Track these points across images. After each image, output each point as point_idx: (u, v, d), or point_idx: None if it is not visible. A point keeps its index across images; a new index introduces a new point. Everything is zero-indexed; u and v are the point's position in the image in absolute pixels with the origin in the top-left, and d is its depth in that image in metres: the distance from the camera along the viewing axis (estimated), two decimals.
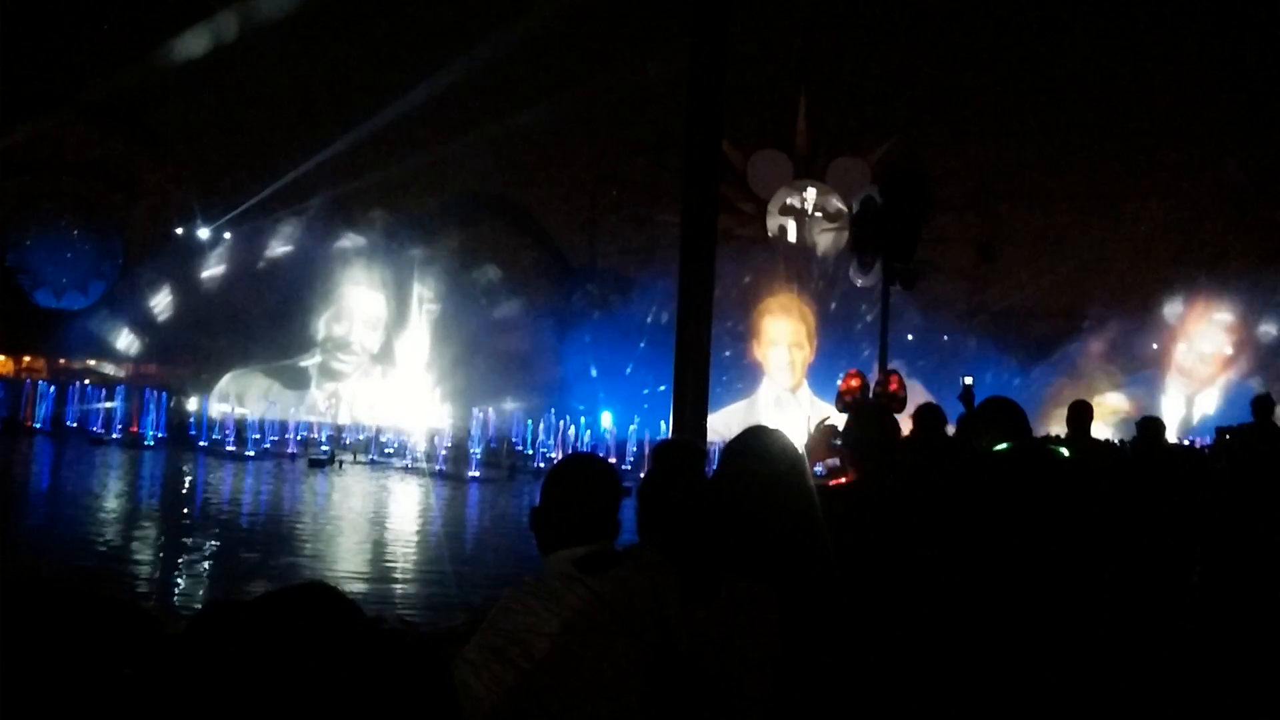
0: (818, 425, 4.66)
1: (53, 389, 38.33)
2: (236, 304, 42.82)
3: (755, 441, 3.60)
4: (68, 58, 44.95)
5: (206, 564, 14.54)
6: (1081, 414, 7.91)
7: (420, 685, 1.28)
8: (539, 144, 46.69)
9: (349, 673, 1.20)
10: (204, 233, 45.05)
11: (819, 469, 4.62)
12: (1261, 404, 9.92)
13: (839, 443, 4.27)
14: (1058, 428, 15.71)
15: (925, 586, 3.28)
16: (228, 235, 44.35)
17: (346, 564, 14.93)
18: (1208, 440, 24.60)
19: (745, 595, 2.68)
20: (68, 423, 37.04)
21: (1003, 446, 4.67)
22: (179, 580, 13.33)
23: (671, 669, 2.40)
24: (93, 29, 46.53)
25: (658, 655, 2.39)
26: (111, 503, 21.11)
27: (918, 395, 10.07)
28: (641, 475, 5.92)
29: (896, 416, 4.95)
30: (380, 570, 14.75)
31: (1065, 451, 5.05)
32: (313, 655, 1.19)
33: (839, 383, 8.98)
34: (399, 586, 13.29)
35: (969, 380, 8.45)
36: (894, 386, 7.70)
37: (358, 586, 12.50)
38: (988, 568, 3.63)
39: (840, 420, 4.66)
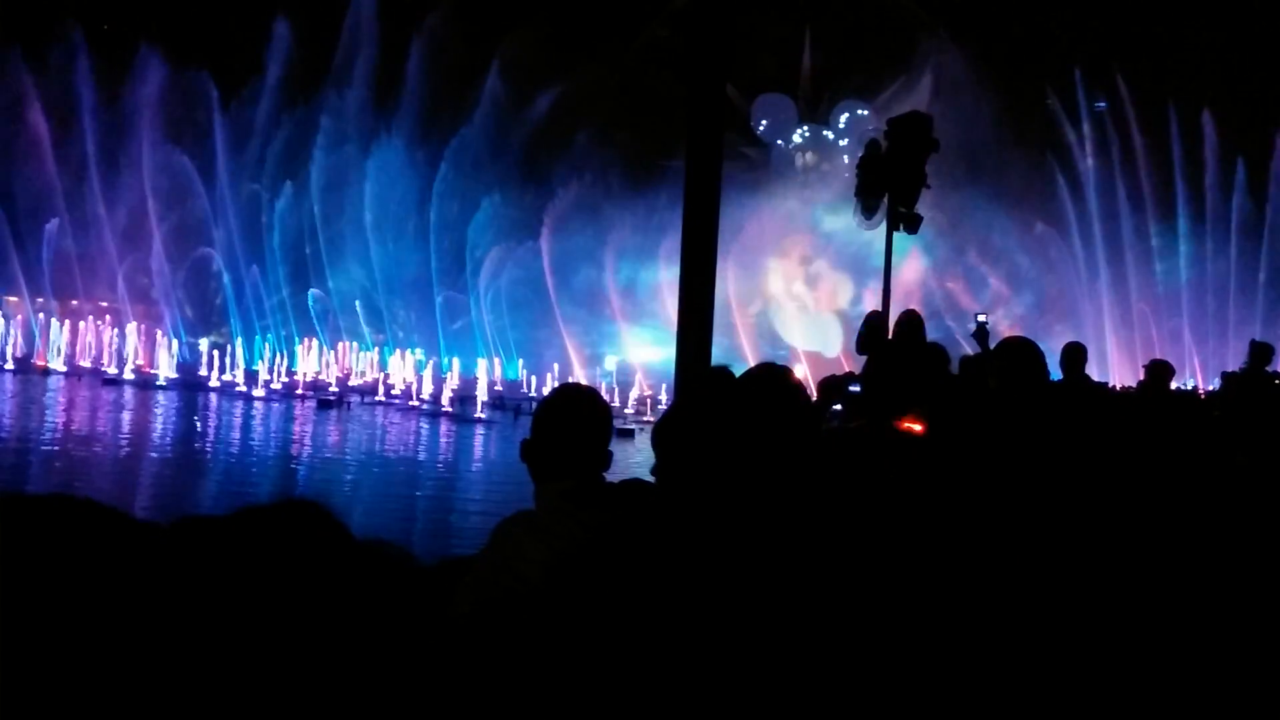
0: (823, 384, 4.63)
1: (65, 328, 38.56)
2: None
3: (766, 381, 3.72)
4: None
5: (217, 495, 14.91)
6: (1075, 356, 8.00)
7: (403, 606, 1.28)
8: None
9: (327, 588, 1.19)
10: None
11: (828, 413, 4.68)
12: (1259, 351, 10.01)
13: (855, 388, 4.26)
14: None
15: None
16: None
17: (356, 495, 15.41)
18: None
19: (749, 533, 2.81)
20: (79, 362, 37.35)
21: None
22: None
23: (660, 600, 2.45)
24: None
25: (646, 586, 2.43)
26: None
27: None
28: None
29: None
30: (389, 502, 15.16)
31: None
32: (291, 569, 1.18)
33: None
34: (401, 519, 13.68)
35: (983, 318, 8.47)
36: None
37: (359, 515, 12.80)
38: (998, 509, 3.72)
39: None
